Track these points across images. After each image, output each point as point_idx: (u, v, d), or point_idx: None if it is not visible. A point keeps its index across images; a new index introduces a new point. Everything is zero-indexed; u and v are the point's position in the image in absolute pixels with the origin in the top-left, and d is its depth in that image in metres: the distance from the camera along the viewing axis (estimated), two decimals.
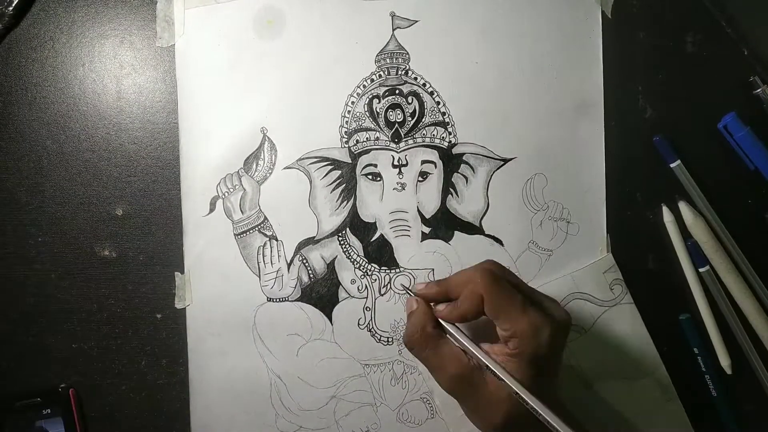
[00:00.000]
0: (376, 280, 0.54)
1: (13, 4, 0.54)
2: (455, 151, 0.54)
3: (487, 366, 0.43)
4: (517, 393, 0.42)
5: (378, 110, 0.54)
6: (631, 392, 0.53)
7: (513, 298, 0.43)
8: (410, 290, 0.52)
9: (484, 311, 0.44)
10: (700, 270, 0.53)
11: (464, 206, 0.54)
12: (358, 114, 0.54)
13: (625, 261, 0.54)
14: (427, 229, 0.54)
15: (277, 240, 0.54)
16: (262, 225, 0.54)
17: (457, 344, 0.45)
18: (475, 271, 0.45)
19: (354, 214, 0.55)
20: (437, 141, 0.54)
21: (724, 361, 0.53)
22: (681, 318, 0.54)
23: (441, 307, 0.46)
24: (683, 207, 0.53)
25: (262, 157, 0.54)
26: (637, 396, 0.53)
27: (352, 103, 0.54)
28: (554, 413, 0.41)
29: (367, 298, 0.54)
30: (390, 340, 0.55)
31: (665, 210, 0.54)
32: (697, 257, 0.53)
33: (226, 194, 0.54)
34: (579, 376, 0.53)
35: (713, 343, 0.53)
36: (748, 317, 0.53)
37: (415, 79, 0.54)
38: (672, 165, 0.53)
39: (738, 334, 0.53)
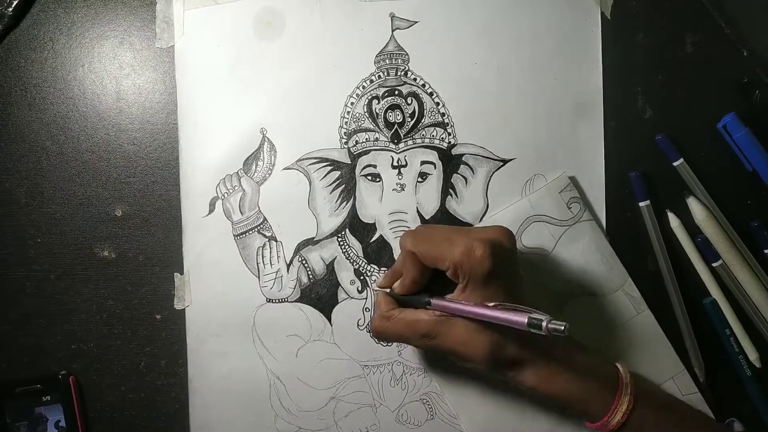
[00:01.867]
0: (375, 280, 0.54)
1: (13, 5, 0.54)
2: (455, 151, 0.54)
3: (443, 309, 0.44)
4: (470, 312, 0.43)
5: (377, 111, 0.54)
6: (602, 308, 0.53)
7: (438, 238, 0.45)
8: (374, 288, 0.53)
9: (427, 266, 0.46)
10: (713, 265, 0.53)
11: (464, 207, 0.54)
12: (357, 115, 0.54)
13: (625, 262, 0.54)
14: None
15: (276, 241, 0.54)
16: (261, 226, 0.54)
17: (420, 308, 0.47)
18: (400, 242, 0.48)
19: (353, 214, 0.55)
20: (437, 142, 0.54)
21: (752, 354, 0.53)
22: (705, 302, 0.53)
23: (395, 285, 0.48)
24: (693, 203, 0.53)
25: (261, 157, 0.54)
26: (608, 311, 0.53)
27: (352, 104, 0.54)
28: (508, 308, 0.42)
29: (366, 299, 0.54)
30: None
31: (671, 216, 0.54)
32: (709, 253, 0.53)
33: (226, 195, 0.54)
34: (548, 299, 0.53)
35: (738, 337, 0.53)
36: (760, 308, 0.53)
37: (415, 79, 0.54)
38: (675, 163, 0.53)
39: (761, 326, 0.53)
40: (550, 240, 0.53)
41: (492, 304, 0.43)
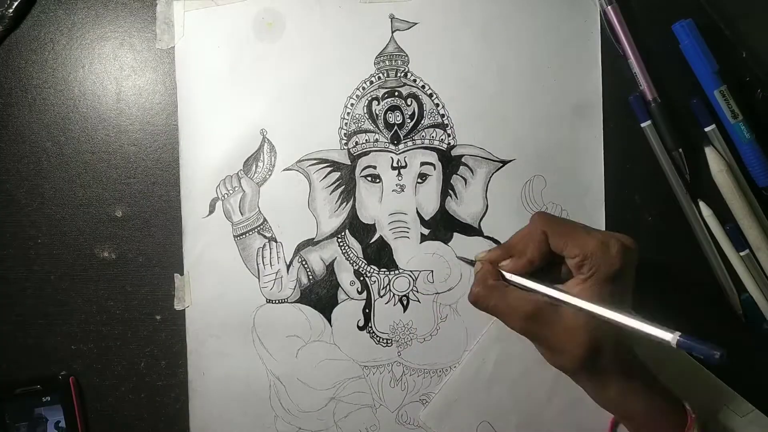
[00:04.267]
0: (375, 281, 0.54)
1: (13, 6, 0.54)
2: (454, 152, 0.54)
3: (559, 299, 0.43)
4: (594, 311, 0.42)
5: (377, 112, 0.54)
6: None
7: (575, 225, 0.45)
8: (469, 259, 0.50)
9: (549, 250, 0.45)
10: (741, 254, 0.53)
11: (463, 208, 0.54)
12: (357, 116, 0.54)
13: None
14: (426, 231, 0.54)
15: (276, 241, 0.54)
16: (261, 226, 0.54)
17: (526, 290, 0.45)
18: (532, 219, 0.46)
19: (353, 215, 0.55)
20: (436, 143, 0.54)
21: None
22: (742, 298, 0.53)
23: (505, 262, 0.46)
24: (711, 153, 0.53)
25: (261, 158, 0.54)
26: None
27: (352, 105, 0.54)
28: (636, 316, 0.41)
29: (365, 300, 0.55)
30: (389, 341, 0.55)
31: (703, 205, 0.53)
32: (738, 242, 0.53)
33: (226, 196, 0.54)
34: None
35: None
36: None
37: (414, 81, 0.54)
38: (707, 129, 0.53)
39: None
40: None
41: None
